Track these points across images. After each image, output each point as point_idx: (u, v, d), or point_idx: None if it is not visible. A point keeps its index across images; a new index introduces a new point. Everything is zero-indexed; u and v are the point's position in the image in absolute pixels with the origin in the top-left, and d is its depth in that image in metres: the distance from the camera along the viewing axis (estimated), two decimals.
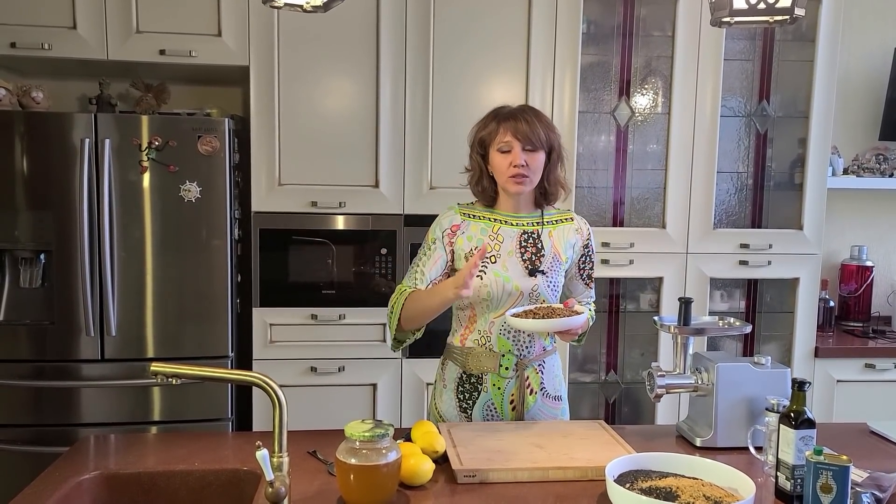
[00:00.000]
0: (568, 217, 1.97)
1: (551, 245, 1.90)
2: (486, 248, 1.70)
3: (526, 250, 1.88)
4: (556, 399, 1.96)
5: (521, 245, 1.88)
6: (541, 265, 1.87)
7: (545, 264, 1.88)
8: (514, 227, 1.90)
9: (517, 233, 1.89)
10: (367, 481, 1.37)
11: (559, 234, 1.92)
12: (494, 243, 1.88)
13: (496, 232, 1.89)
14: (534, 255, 1.88)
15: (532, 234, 1.90)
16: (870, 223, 3.60)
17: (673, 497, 1.34)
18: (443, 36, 2.84)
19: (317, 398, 2.86)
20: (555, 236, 1.92)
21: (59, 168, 2.59)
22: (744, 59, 3.12)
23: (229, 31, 2.76)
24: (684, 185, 3.03)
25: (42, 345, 2.65)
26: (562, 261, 1.91)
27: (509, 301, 1.86)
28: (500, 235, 1.89)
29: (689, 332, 1.79)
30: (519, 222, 1.91)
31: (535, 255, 1.88)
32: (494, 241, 1.88)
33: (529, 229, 1.90)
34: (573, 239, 1.94)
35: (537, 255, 1.88)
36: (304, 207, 2.83)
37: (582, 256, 1.97)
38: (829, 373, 3.13)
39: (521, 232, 1.90)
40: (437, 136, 2.87)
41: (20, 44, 2.68)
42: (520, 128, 1.80)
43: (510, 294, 1.85)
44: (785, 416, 1.46)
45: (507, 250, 1.87)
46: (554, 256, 1.90)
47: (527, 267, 1.87)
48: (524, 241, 1.89)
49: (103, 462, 1.60)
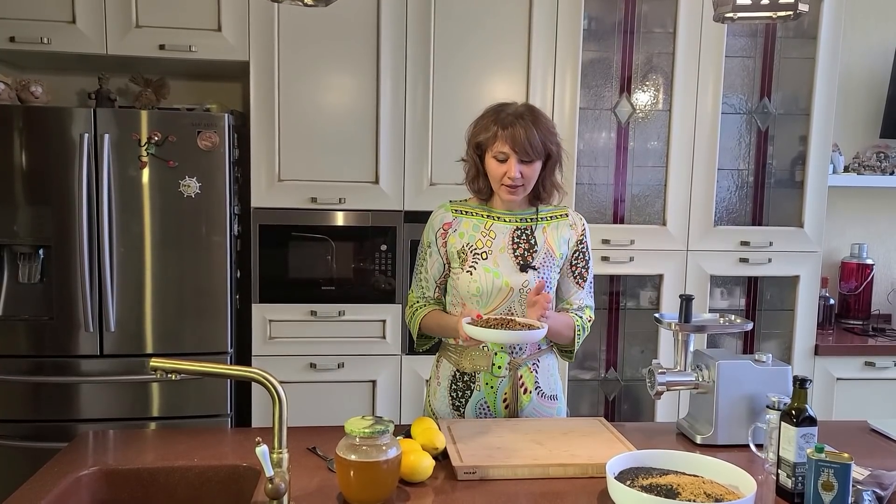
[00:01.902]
0: (563, 213, 1.94)
1: (545, 241, 1.89)
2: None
3: (518, 246, 1.87)
4: (552, 398, 1.94)
5: (514, 241, 1.87)
6: (533, 261, 1.86)
7: (537, 260, 1.87)
8: (507, 223, 1.89)
9: (510, 229, 1.88)
10: (367, 478, 1.37)
11: (553, 230, 1.91)
12: (486, 239, 1.87)
13: (489, 228, 1.89)
14: (526, 251, 1.87)
15: (525, 230, 1.89)
16: (870, 221, 3.60)
17: (674, 494, 1.34)
18: (444, 31, 2.83)
19: (316, 394, 2.86)
20: (549, 232, 1.90)
21: (58, 163, 2.58)
22: (745, 56, 3.11)
23: (229, 26, 2.75)
24: (685, 182, 3.03)
25: (41, 340, 2.65)
26: (556, 256, 1.89)
27: (499, 297, 1.85)
28: (493, 231, 1.88)
29: (689, 329, 1.79)
30: (512, 219, 1.90)
31: (528, 251, 1.87)
32: (486, 237, 1.88)
33: (523, 225, 1.90)
34: (567, 234, 1.92)
35: (530, 251, 1.87)
36: (304, 203, 2.82)
37: (575, 252, 1.93)
38: (828, 371, 3.13)
39: (515, 228, 1.89)
40: (438, 133, 2.86)
41: (19, 38, 2.67)
42: (518, 140, 1.76)
43: (500, 290, 1.84)
44: (786, 413, 1.46)
45: (498, 246, 1.87)
46: (547, 252, 1.88)
47: (518, 262, 1.85)
48: (517, 237, 1.88)
49: (102, 458, 1.59)
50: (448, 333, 1.91)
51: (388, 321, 2.89)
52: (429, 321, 1.92)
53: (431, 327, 1.93)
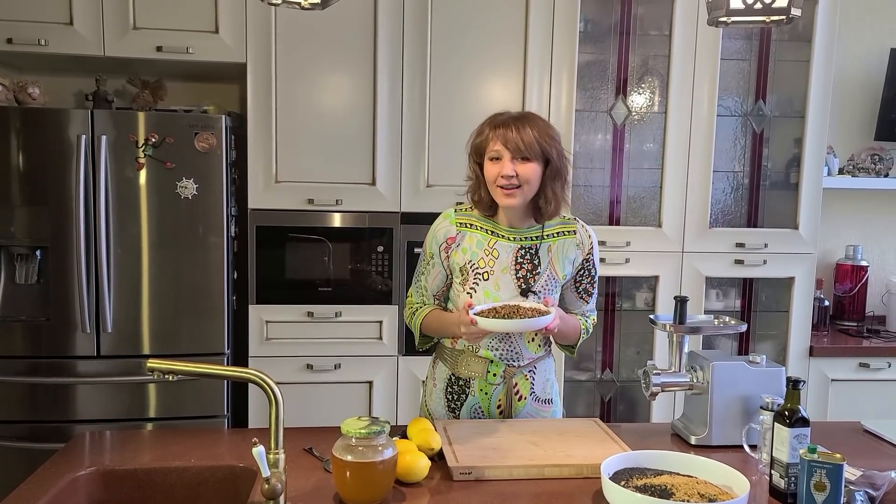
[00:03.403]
0: (571, 229, 1.88)
1: (549, 262, 1.85)
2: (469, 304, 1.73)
3: (521, 267, 1.83)
4: (547, 402, 1.93)
5: (517, 262, 1.83)
6: (534, 284, 1.83)
7: (538, 283, 1.83)
8: (511, 241, 1.84)
9: (514, 248, 1.84)
10: (364, 478, 1.38)
11: (559, 249, 1.86)
12: (489, 259, 1.84)
13: (492, 246, 1.84)
14: (528, 273, 1.83)
15: (530, 248, 1.84)
16: (865, 223, 3.61)
17: (668, 494, 1.35)
18: (440, 33, 2.84)
19: (313, 395, 2.86)
20: (554, 251, 1.85)
21: (56, 164, 2.59)
22: (740, 59, 3.13)
23: (226, 28, 2.75)
24: (680, 184, 3.04)
25: (38, 341, 2.65)
26: (558, 279, 1.86)
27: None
28: (496, 251, 1.84)
29: (684, 330, 1.80)
30: (517, 237, 1.85)
31: (530, 273, 1.83)
32: (489, 256, 1.84)
33: (527, 244, 1.85)
34: (573, 254, 1.87)
35: (532, 273, 1.83)
36: (301, 205, 2.83)
37: (580, 270, 1.90)
38: (823, 372, 3.14)
39: (519, 247, 1.84)
40: (435, 134, 2.87)
41: (17, 39, 2.67)
42: (509, 136, 1.74)
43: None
44: (779, 414, 1.47)
45: (501, 267, 1.83)
46: (550, 275, 1.84)
47: (520, 286, 1.82)
48: (520, 256, 1.83)
49: (99, 458, 1.59)
50: (449, 329, 1.86)
51: (385, 322, 2.90)
52: (430, 320, 1.91)
53: (433, 326, 1.91)
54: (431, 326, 1.92)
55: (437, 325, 1.90)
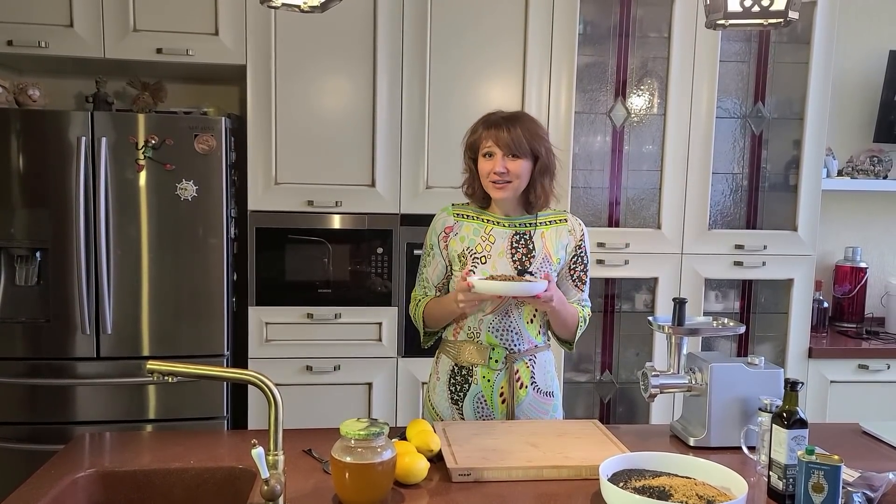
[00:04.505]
0: (562, 218, 1.99)
1: (543, 246, 1.93)
2: (468, 272, 1.84)
3: (517, 251, 1.91)
4: (548, 395, 1.97)
5: (513, 246, 1.92)
6: (530, 266, 1.90)
7: (534, 265, 1.91)
8: (506, 228, 1.94)
9: (509, 234, 1.93)
10: (363, 479, 1.38)
11: (551, 235, 1.95)
12: (486, 244, 1.92)
13: (488, 233, 1.93)
14: (524, 256, 1.91)
15: (524, 234, 1.93)
16: (864, 225, 3.62)
17: (666, 496, 1.35)
18: (440, 36, 2.85)
19: (312, 397, 2.87)
20: (547, 237, 1.94)
21: (56, 166, 2.59)
22: (739, 61, 3.13)
23: (226, 30, 2.76)
24: (679, 185, 3.04)
25: (37, 343, 2.65)
26: (553, 262, 1.93)
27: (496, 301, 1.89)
28: (492, 236, 1.93)
29: (683, 332, 1.80)
30: (511, 224, 1.94)
31: (526, 256, 1.91)
32: (486, 241, 1.92)
33: (522, 230, 1.94)
34: (566, 240, 1.96)
35: (527, 256, 1.91)
36: (301, 206, 2.83)
37: (574, 257, 1.98)
38: (822, 373, 3.14)
39: (514, 233, 1.93)
40: (434, 136, 2.88)
41: (17, 41, 2.67)
42: (501, 136, 1.85)
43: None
44: (777, 415, 1.47)
45: (497, 251, 1.91)
46: (545, 258, 1.92)
47: (516, 267, 1.90)
48: (515, 241, 1.92)
49: (99, 460, 1.60)
50: (448, 307, 1.91)
51: (385, 324, 2.90)
52: (430, 307, 1.98)
53: (434, 313, 1.97)
54: (433, 314, 1.97)
55: (437, 309, 1.96)
